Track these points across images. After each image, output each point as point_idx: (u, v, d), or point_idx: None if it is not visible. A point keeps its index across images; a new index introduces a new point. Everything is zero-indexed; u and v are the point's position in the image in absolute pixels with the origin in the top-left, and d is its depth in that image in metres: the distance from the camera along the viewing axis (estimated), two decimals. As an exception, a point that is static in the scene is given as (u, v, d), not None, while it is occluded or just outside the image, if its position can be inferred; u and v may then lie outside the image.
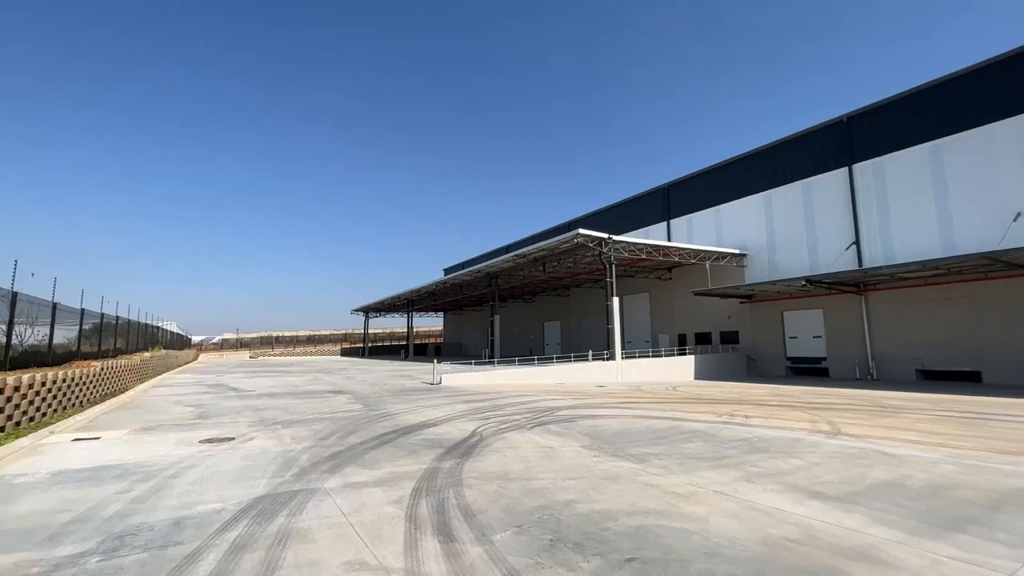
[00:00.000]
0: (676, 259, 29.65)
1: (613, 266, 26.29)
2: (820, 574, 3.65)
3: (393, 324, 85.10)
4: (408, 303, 55.94)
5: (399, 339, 77.27)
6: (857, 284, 24.29)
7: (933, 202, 22.47)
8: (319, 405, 14.28)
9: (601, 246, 25.87)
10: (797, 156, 28.48)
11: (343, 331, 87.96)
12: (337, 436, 9.38)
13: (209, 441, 8.97)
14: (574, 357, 26.09)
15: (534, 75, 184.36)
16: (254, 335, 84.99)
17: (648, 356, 26.91)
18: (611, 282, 25.89)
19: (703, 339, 32.69)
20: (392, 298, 53.52)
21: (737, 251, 30.02)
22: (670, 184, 37.12)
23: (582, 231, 24.82)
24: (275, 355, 71.75)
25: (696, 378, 25.65)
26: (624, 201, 41.97)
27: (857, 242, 24.97)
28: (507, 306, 53.56)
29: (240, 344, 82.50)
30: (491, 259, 34.49)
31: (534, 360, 26.09)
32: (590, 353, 25.50)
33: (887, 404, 13.82)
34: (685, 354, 27.45)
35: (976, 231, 20.84)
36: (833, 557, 3.94)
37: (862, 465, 6.80)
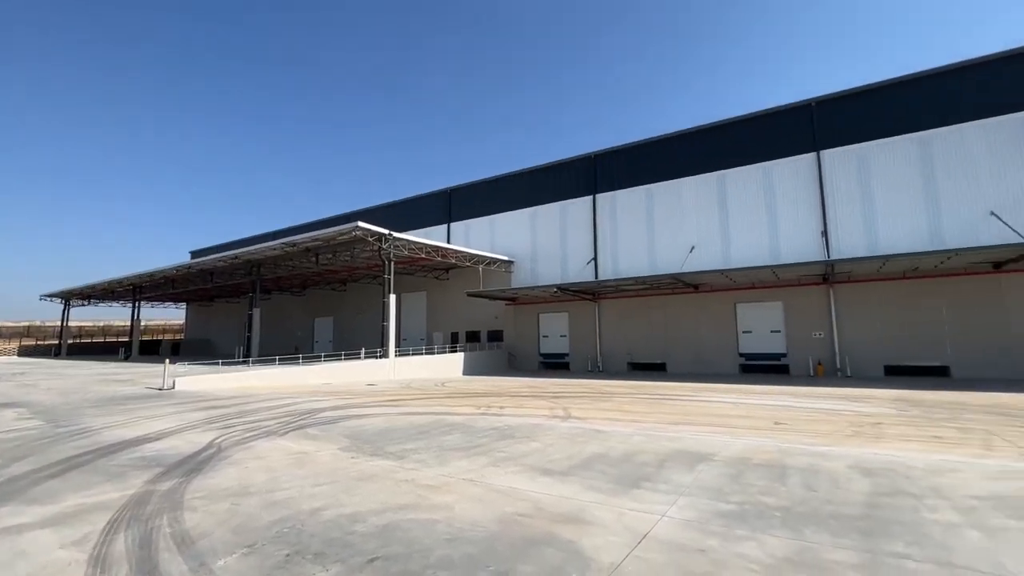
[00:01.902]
0: (454, 261, 31.10)
1: (392, 263, 26.05)
2: (540, 541, 4.23)
3: (112, 315, 67.70)
4: (134, 289, 45.02)
5: (120, 334, 61.42)
6: (593, 293, 29.46)
7: (645, 232, 28.85)
8: (-36, 425, 10.25)
9: (381, 241, 25.35)
10: (558, 180, 33.05)
11: (25, 323, 65.82)
12: (-10, 466, 6.87)
13: None
14: (344, 355, 24.89)
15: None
16: None
17: (422, 354, 27.50)
18: (389, 279, 25.61)
19: (473, 337, 35.03)
20: (110, 282, 42.27)
21: (506, 258, 33.15)
22: (452, 189, 38.79)
23: (361, 224, 23.91)
24: None
25: (464, 374, 27.29)
26: (408, 199, 42.10)
27: (595, 258, 30.31)
28: (271, 299, 47.87)
29: None
30: (255, 244, 30.37)
31: (299, 359, 23.92)
32: (363, 351, 24.69)
33: (606, 391, 17.13)
34: (456, 351, 28.96)
35: (670, 256, 27.54)
36: (552, 524, 4.62)
37: (582, 442, 8.23)
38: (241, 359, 28.49)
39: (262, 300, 36.35)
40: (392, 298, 25.39)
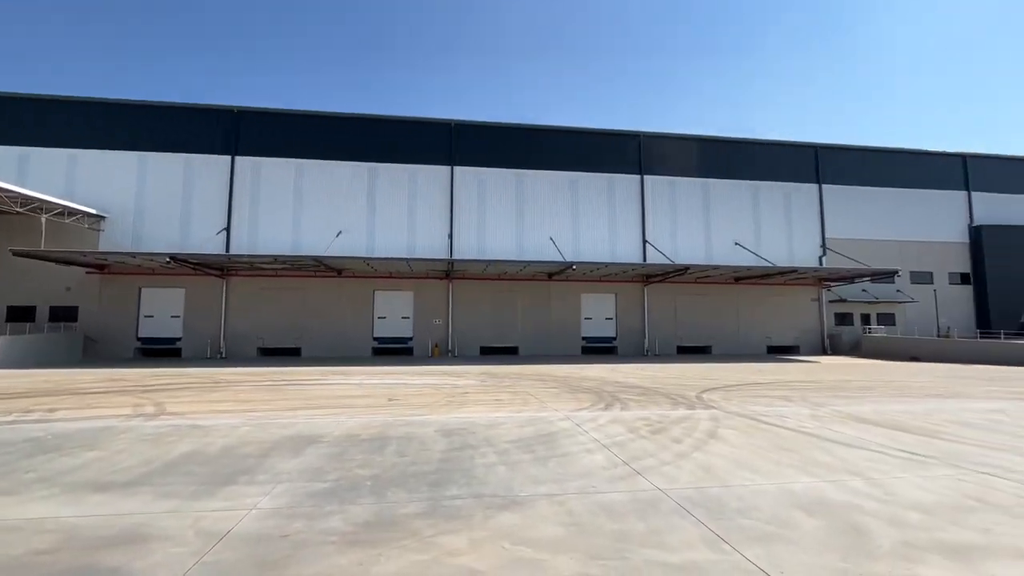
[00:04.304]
0: (-11, 202, 21.10)
1: None
2: (62, 579, 3.24)
3: None
4: None
5: None
6: (222, 268, 25.57)
7: (292, 208, 27.09)
8: None
9: None
10: (186, 126, 27.13)
11: None
12: None
13: None
14: None
15: None
16: None
17: (-99, 338, 17.49)
18: None
19: (23, 315, 24.76)
20: None
21: (94, 211, 24.87)
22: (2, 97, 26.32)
23: None
24: None
25: (-3, 367, 18.91)
26: None
27: (228, 228, 26.40)
28: None
29: None
30: None
31: None
32: None
33: (223, 380, 15.10)
34: (-18, 335, 19.78)
35: (316, 238, 26.71)
36: (91, 554, 3.62)
37: (170, 442, 6.91)
38: None
39: None
40: None
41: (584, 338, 28.46)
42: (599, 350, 28.42)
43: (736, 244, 30.27)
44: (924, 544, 3.75)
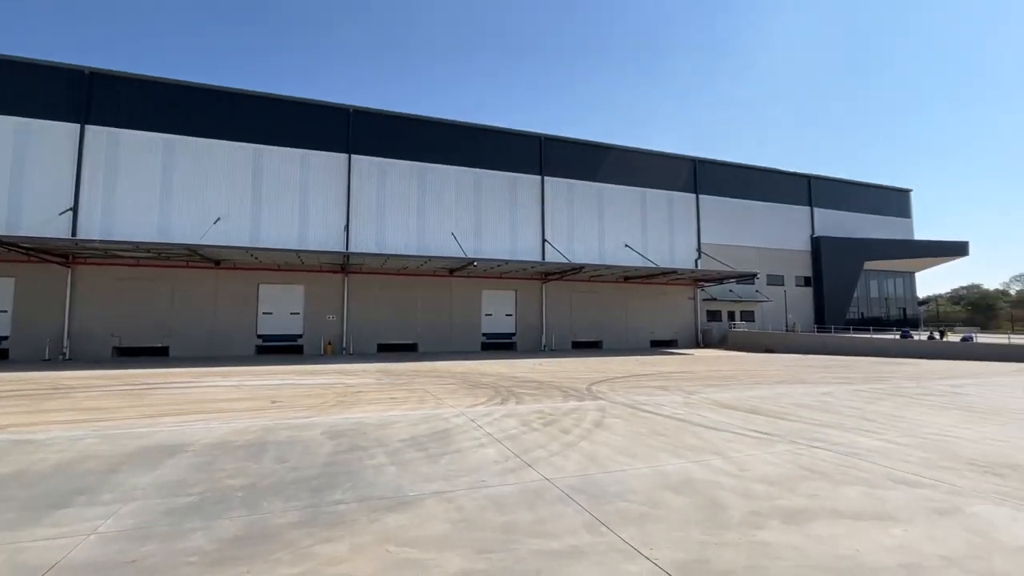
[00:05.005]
0: None
1: None
2: None
3: None
4: None
5: None
6: (67, 255, 21.89)
7: (159, 189, 23.95)
8: None
9: None
10: (14, 84, 22.71)
11: None
12: None
13: None
14: None
15: None
16: None
17: None
18: None
19: None
20: None
21: None
22: None
23: None
24: None
25: None
26: None
27: (76, 208, 22.64)
28: None
29: None
30: None
31: None
32: None
33: (65, 385, 12.93)
34: None
35: (189, 225, 23.88)
36: None
37: (-17, 462, 5.75)
38: None
39: None
40: None
41: (484, 334, 28.72)
42: (499, 346, 28.87)
43: (626, 246, 32.45)
44: (767, 512, 4.30)
